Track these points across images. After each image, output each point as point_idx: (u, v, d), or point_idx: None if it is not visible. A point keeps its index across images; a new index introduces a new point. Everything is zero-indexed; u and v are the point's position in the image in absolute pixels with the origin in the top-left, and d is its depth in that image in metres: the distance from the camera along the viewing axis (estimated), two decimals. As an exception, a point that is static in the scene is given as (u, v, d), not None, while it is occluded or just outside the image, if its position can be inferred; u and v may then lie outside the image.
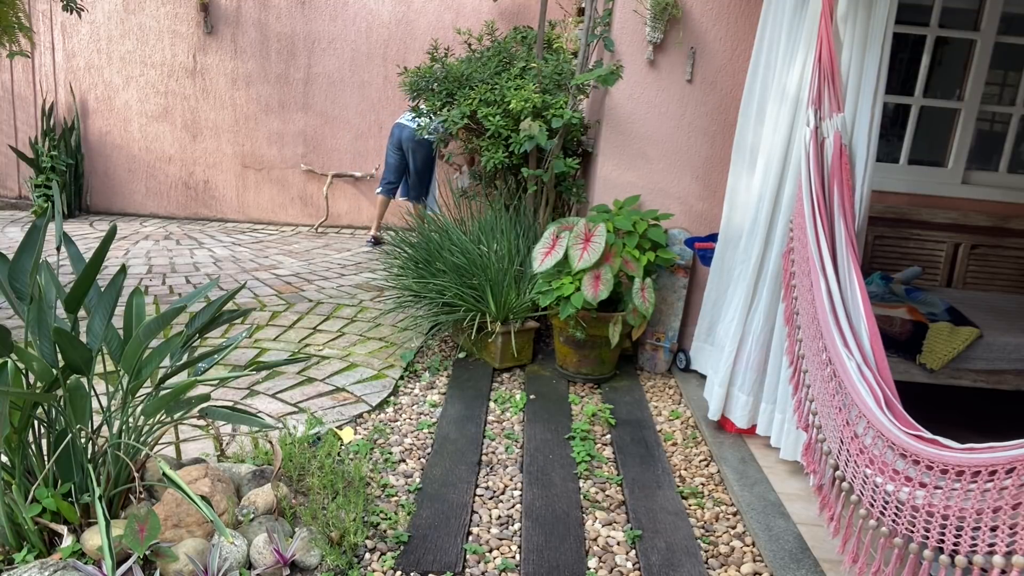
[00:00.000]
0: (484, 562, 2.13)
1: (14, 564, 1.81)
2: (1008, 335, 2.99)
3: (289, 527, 2.09)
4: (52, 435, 1.89)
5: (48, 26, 6.75)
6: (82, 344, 1.77)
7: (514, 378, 3.55)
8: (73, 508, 1.88)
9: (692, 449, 2.94)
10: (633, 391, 3.48)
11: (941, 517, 1.48)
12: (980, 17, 3.60)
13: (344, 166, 7.05)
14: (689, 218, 3.70)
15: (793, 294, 2.38)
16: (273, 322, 4.12)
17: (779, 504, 2.48)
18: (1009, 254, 3.74)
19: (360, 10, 6.78)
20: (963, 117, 3.72)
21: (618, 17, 3.55)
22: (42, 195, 6.50)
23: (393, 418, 3.02)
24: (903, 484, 1.61)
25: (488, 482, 2.58)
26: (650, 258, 3.35)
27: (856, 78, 2.41)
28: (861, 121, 2.41)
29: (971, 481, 1.41)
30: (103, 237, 1.81)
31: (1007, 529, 1.31)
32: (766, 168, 2.75)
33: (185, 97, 6.90)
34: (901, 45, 3.87)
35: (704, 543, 2.30)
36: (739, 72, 3.46)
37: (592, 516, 2.41)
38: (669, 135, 3.62)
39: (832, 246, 2.22)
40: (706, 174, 3.64)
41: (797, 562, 2.17)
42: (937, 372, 2.93)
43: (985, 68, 3.65)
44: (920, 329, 2.98)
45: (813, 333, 2.14)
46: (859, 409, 1.81)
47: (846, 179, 2.29)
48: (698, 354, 3.49)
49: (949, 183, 3.76)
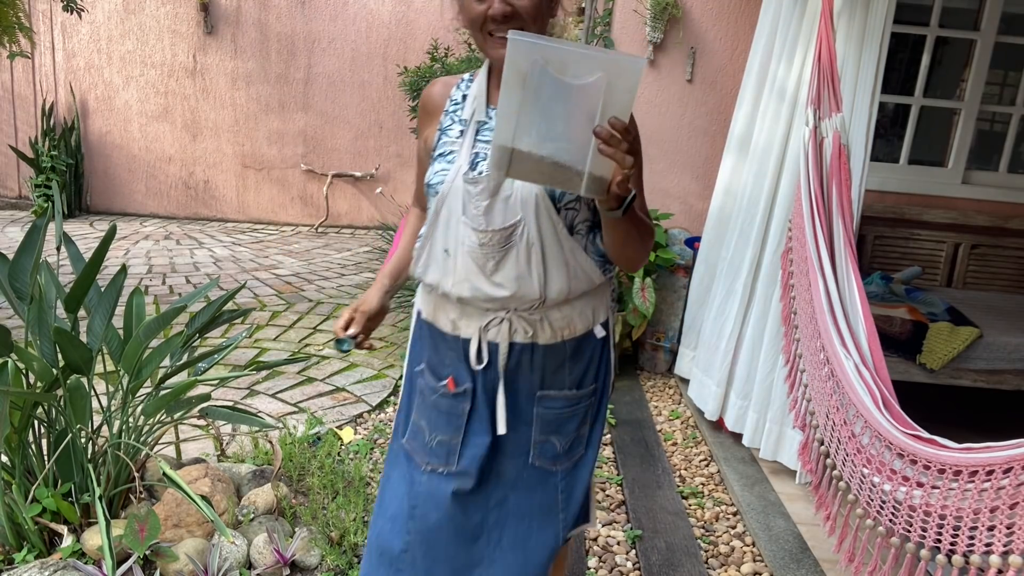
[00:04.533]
0: (483, 562, 2.13)
1: (14, 564, 1.81)
2: (1008, 335, 2.99)
3: (289, 527, 2.09)
4: (52, 435, 1.89)
5: (48, 26, 6.76)
6: (82, 344, 1.77)
7: (514, 378, 3.55)
8: (73, 508, 1.88)
9: (692, 449, 2.94)
10: (633, 391, 3.49)
11: (938, 516, 1.48)
12: (980, 17, 3.60)
13: (344, 166, 7.05)
14: (689, 218, 3.70)
15: (791, 294, 2.38)
16: (273, 322, 4.12)
17: (779, 504, 2.49)
18: (1009, 254, 3.74)
19: (360, 10, 6.78)
20: (963, 117, 3.71)
21: (618, 17, 3.55)
22: (42, 195, 6.51)
23: (393, 418, 3.03)
24: (900, 483, 1.62)
25: (488, 482, 2.58)
26: (650, 258, 3.35)
27: (853, 76, 2.41)
28: (858, 120, 2.41)
29: (968, 481, 1.41)
30: (103, 237, 1.81)
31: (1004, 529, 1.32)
32: (761, 167, 2.76)
33: (185, 97, 6.90)
34: (901, 45, 3.87)
35: (704, 543, 2.31)
36: (739, 72, 3.46)
37: (591, 516, 2.42)
38: (669, 135, 3.62)
39: (831, 246, 2.22)
40: (706, 174, 3.64)
41: (797, 562, 2.17)
42: (937, 372, 2.93)
43: (985, 68, 3.65)
44: (920, 329, 2.98)
45: (811, 333, 2.14)
46: (856, 409, 1.81)
47: (845, 179, 2.29)
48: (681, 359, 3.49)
49: (949, 183, 3.76)
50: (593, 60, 0.93)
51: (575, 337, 1.33)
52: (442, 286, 1.29)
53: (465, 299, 1.27)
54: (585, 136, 0.96)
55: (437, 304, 1.34)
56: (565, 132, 0.97)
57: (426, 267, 1.32)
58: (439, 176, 1.27)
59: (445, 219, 1.26)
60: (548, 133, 0.97)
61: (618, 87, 0.93)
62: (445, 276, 1.28)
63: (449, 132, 1.32)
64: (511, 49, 0.93)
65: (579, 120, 0.96)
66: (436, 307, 1.35)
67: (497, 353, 1.29)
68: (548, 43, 0.93)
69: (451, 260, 1.26)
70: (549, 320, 1.29)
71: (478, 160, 1.25)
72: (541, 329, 1.29)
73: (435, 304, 1.35)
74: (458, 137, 1.30)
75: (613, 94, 0.94)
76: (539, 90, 0.94)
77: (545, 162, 0.98)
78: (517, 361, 1.30)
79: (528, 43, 0.93)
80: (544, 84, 0.94)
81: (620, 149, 0.95)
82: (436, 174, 1.28)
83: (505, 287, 1.24)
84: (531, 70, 0.93)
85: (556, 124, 0.97)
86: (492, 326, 1.28)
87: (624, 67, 0.93)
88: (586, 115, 0.95)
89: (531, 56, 0.93)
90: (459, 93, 1.35)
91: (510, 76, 0.94)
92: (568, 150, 0.98)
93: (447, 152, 1.29)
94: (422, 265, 1.32)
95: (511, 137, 0.97)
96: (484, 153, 1.25)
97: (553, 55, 0.93)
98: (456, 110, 1.33)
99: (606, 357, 1.40)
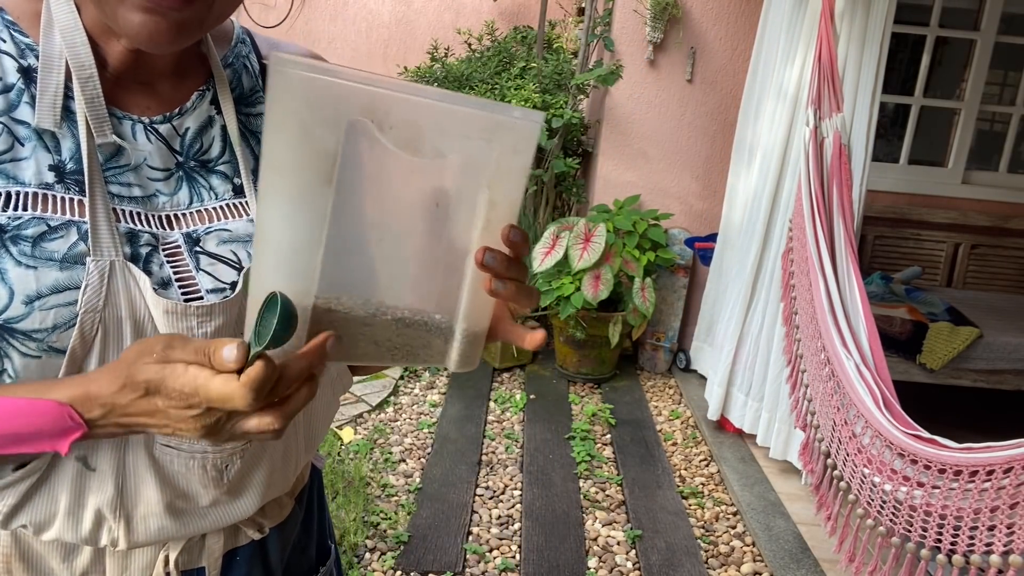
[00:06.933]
0: (484, 562, 2.13)
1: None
2: (1008, 335, 2.99)
3: (289, 527, 2.09)
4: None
5: (49, 26, 6.76)
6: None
7: (514, 378, 3.55)
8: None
9: (692, 449, 2.94)
10: (633, 391, 3.49)
11: (939, 516, 1.48)
12: (980, 17, 3.60)
13: (344, 166, 7.06)
14: (689, 218, 3.70)
15: (792, 294, 2.38)
16: (273, 322, 4.12)
17: (779, 504, 2.49)
18: (1009, 254, 3.74)
19: (360, 10, 6.78)
20: (963, 117, 3.71)
21: (618, 17, 3.55)
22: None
23: (393, 418, 3.03)
24: (901, 483, 1.62)
25: (488, 482, 2.58)
26: (650, 258, 3.35)
27: (853, 77, 2.41)
28: (859, 120, 2.41)
29: (969, 480, 1.41)
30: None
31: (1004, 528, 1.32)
32: (764, 167, 2.76)
33: (186, 97, 6.90)
34: (901, 45, 3.87)
35: (704, 543, 2.31)
36: (739, 72, 3.47)
37: (592, 516, 2.42)
38: (669, 135, 3.62)
39: (831, 246, 2.22)
40: (706, 174, 3.64)
41: (797, 562, 2.17)
42: (937, 372, 2.93)
43: (985, 68, 3.65)
44: (920, 329, 2.99)
45: (812, 333, 2.14)
46: (857, 409, 1.81)
47: (845, 179, 2.29)
48: (698, 354, 3.50)
49: (949, 183, 3.76)
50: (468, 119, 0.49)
51: (305, 486, 0.82)
52: (62, 534, 0.61)
53: (146, 543, 0.64)
54: (453, 264, 0.53)
55: (22, 550, 0.63)
56: (417, 259, 0.54)
57: (25, 500, 0.59)
58: (57, 299, 0.54)
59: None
60: (388, 266, 0.52)
61: (506, 166, 0.50)
62: (80, 513, 0.60)
63: (4, 167, 0.55)
64: (299, 97, 0.45)
65: (436, 232, 0.53)
66: (16, 556, 0.63)
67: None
68: (379, 82, 0.46)
69: (109, 476, 0.60)
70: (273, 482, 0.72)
71: (137, 252, 0.58)
72: (277, 507, 0.75)
73: (12, 552, 0.63)
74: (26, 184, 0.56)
75: (500, 180, 0.51)
76: (362, 183, 0.49)
77: (380, 324, 0.52)
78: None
79: (343, 85, 0.45)
80: (372, 169, 0.49)
81: (522, 277, 0.54)
82: (43, 295, 0.54)
83: (247, 500, 0.68)
84: (347, 142, 0.46)
85: (402, 244, 0.53)
86: (191, 546, 0.68)
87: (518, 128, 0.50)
88: (452, 222, 0.52)
89: (351, 107, 0.46)
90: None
91: (303, 164, 0.46)
92: (423, 294, 0.54)
93: (26, 223, 0.54)
94: (12, 496, 0.59)
95: (308, 282, 0.49)
96: (121, 224, 0.58)
97: (390, 106, 0.47)
98: (6, 96, 0.56)
99: (324, 500, 0.90)
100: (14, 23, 0.57)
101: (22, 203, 0.55)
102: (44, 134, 0.56)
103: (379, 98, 0.46)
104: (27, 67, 0.57)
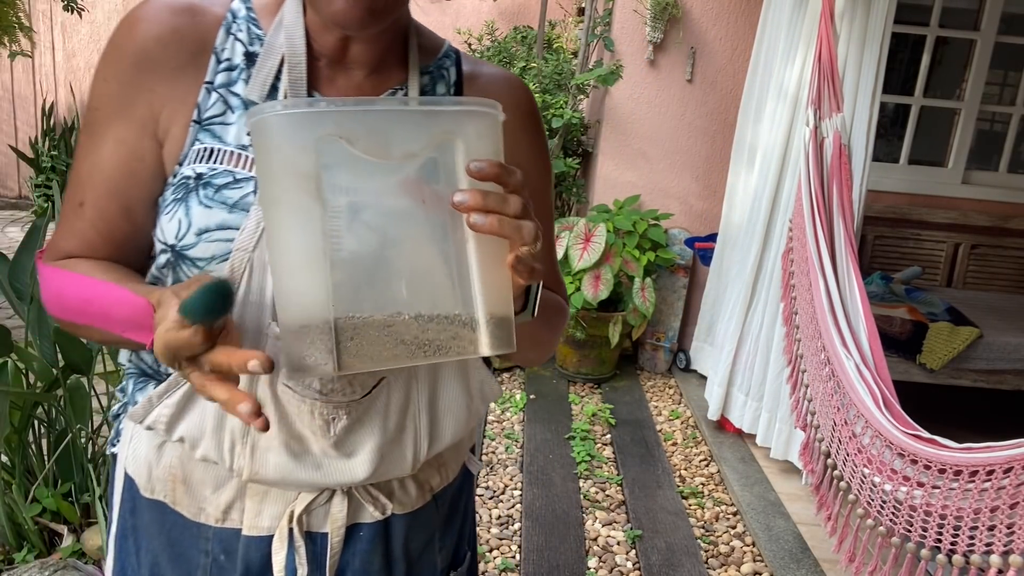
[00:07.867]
0: (484, 562, 2.13)
1: (14, 564, 1.81)
2: (1008, 335, 2.99)
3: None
4: (52, 435, 1.90)
5: (48, 26, 6.76)
6: (82, 344, 1.77)
7: (514, 378, 3.55)
8: (73, 508, 1.88)
9: (692, 449, 2.94)
10: (633, 391, 3.49)
11: (939, 516, 1.48)
12: (980, 17, 3.60)
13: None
14: (689, 218, 3.70)
15: (792, 294, 2.38)
16: (273, 322, 4.12)
17: (779, 504, 2.49)
18: (1009, 254, 3.74)
19: (360, 10, 6.78)
20: (963, 117, 3.71)
21: (618, 17, 3.55)
22: (42, 195, 6.50)
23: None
24: (901, 483, 1.62)
25: (488, 482, 2.58)
26: (650, 258, 3.35)
27: (854, 77, 2.41)
28: (859, 120, 2.41)
29: (969, 480, 1.41)
30: (103, 237, 1.80)
31: (1004, 528, 1.32)
32: (764, 167, 2.76)
33: (185, 97, 6.90)
34: (901, 45, 3.87)
35: (704, 543, 2.31)
36: (739, 72, 3.46)
37: (592, 516, 2.42)
38: (669, 135, 3.62)
39: (831, 246, 2.22)
40: (706, 174, 3.64)
41: (797, 562, 2.17)
42: (937, 372, 2.93)
43: (985, 68, 3.65)
44: (920, 329, 2.99)
45: (812, 333, 2.14)
46: (857, 409, 1.81)
47: (845, 179, 2.29)
48: (698, 354, 3.50)
49: (949, 183, 3.76)
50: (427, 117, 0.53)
51: (448, 486, 0.84)
52: (208, 451, 0.70)
53: (267, 480, 0.71)
54: (456, 253, 0.55)
55: (185, 473, 0.73)
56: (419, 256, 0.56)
57: (181, 410, 0.70)
58: (220, 235, 0.66)
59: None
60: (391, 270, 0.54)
61: (474, 151, 0.54)
62: (221, 434, 0.69)
63: (214, 127, 0.68)
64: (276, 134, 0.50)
65: (432, 227, 0.55)
66: (180, 478, 0.73)
67: (324, 550, 0.74)
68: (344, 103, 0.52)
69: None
70: (414, 475, 0.79)
71: None
72: (402, 491, 0.78)
73: (178, 473, 0.73)
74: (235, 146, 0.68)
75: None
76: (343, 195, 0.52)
77: (402, 324, 0.54)
78: (363, 557, 0.76)
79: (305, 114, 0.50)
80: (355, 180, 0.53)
81: (507, 211, 0.52)
82: (210, 229, 0.66)
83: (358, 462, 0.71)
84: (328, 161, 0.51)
85: (399, 247, 0.55)
86: (316, 507, 0.73)
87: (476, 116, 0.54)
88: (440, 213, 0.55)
89: (315, 131, 0.50)
90: (232, 41, 0.70)
91: (291, 188, 0.51)
92: (432, 289, 0.55)
93: (219, 174, 0.67)
94: (169, 406, 0.70)
95: (323, 295, 0.52)
96: None
97: (355, 121, 0.51)
98: (229, 73, 0.69)
99: (473, 506, 0.93)
100: (255, 18, 0.71)
101: (222, 159, 0.67)
102: (250, 106, 0.68)
103: (345, 116, 0.51)
104: (252, 52, 0.69)
